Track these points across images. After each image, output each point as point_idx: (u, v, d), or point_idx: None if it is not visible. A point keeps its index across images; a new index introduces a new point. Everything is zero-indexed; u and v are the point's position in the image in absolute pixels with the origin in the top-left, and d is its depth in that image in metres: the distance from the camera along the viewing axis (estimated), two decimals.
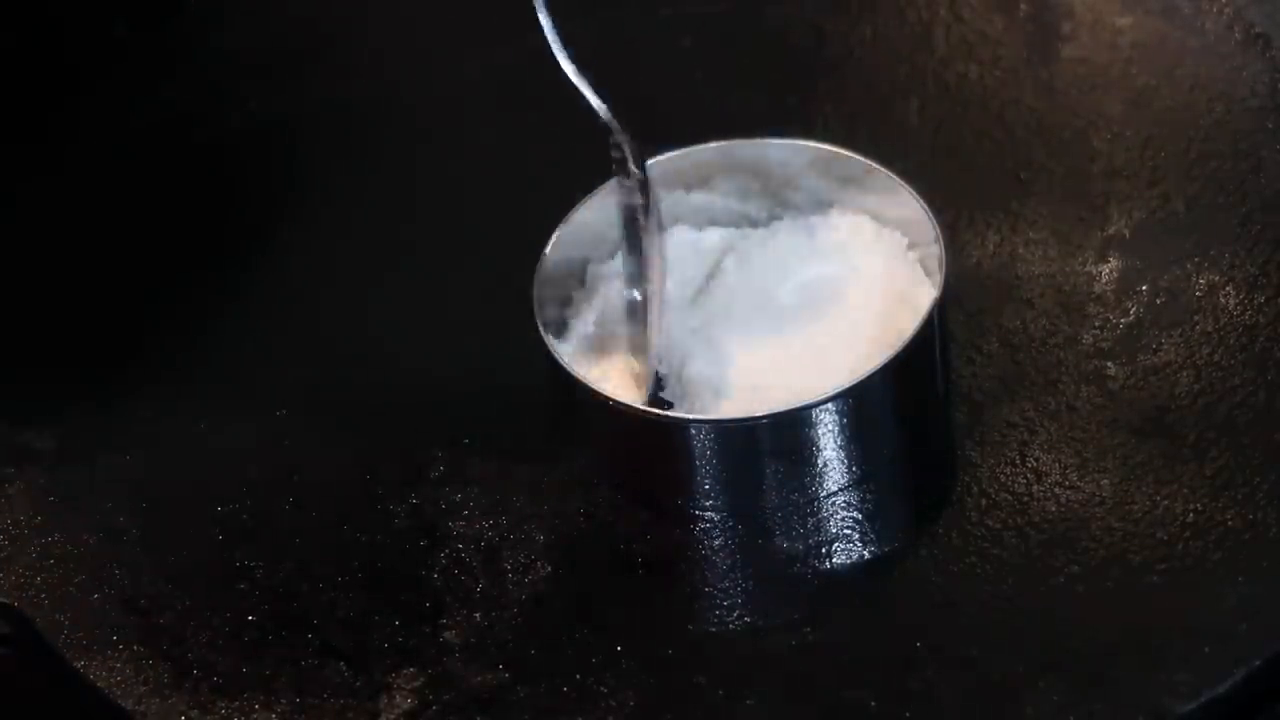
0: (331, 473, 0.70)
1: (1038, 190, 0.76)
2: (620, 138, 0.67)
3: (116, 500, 0.70)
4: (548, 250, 0.70)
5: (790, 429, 0.65)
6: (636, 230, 0.68)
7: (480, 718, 0.63)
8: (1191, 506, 0.65)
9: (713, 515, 0.67)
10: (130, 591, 0.67)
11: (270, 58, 0.85)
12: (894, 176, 0.71)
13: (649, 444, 0.67)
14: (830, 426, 0.65)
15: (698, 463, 0.66)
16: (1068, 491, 0.66)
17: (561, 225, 0.71)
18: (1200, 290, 0.71)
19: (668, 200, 0.72)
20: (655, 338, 0.68)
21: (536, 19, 0.66)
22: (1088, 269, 0.73)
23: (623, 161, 0.68)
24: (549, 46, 0.67)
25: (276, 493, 0.70)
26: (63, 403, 0.74)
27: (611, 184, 0.71)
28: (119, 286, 0.78)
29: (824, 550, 0.66)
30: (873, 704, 0.61)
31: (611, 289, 0.71)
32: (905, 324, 0.67)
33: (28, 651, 0.66)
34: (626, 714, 0.62)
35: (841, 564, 0.66)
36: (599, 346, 0.70)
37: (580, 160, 0.70)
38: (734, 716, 0.62)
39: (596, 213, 0.71)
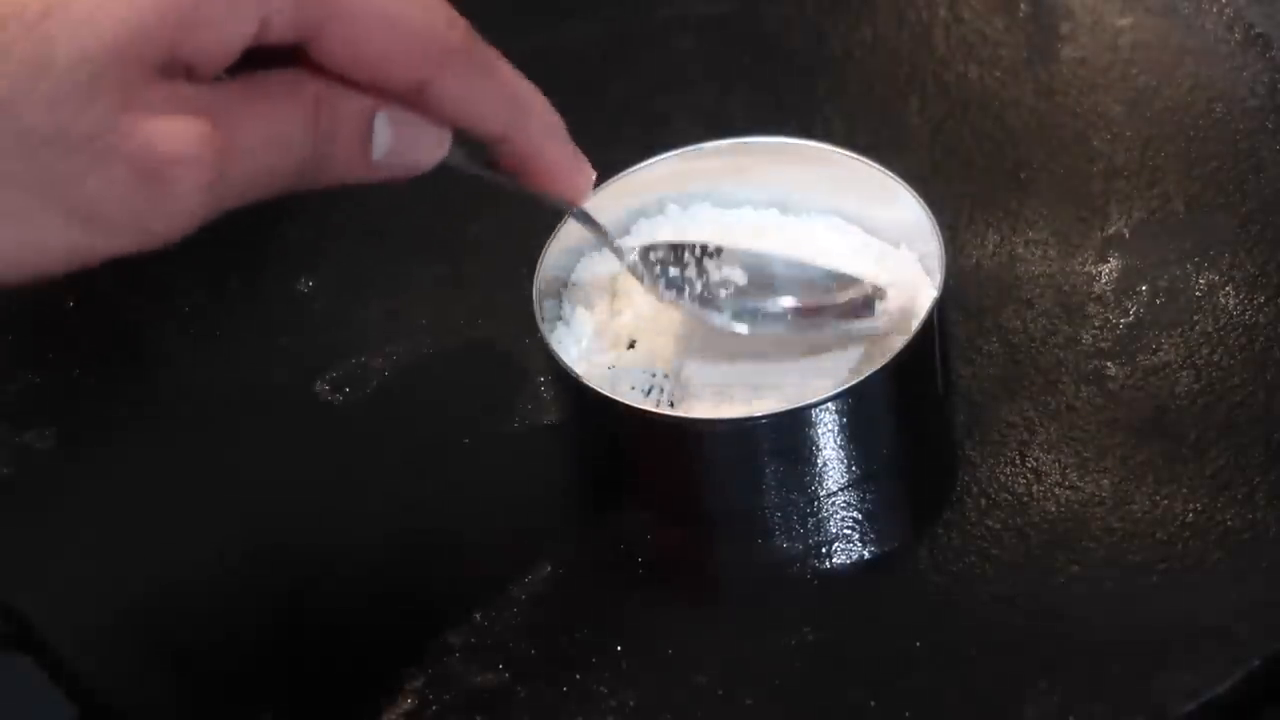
0: (331, 472, 0.70)
1: (1038, 190, 0.76)
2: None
3: (117, 500, 0.70)
4: (548, 249, 0.70)
5: (790, 429, 0.65)
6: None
7: (480, 718, 0.63)
8: (1191, 506, 0.65)
9: (713, 515, 0.67)
10: (131, 592, 0.67)
11: None
12: (894, 176, 0.70)
13: (649, 444, 0.67)
14: (830, 426, 0.65)
15: (698, 463, 0.66)
16: (1068, 491, 0.66)
17: (563, 223, 0.71)
18: (1200, 290, 0.71)
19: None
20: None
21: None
22: (1088, 269, 0.73)
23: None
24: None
25: (276, 493, 0.70)
26: (63, 402, 0.74)
27: (611, 183, 0.72)
28: (119, 285, 0.77)
29: (824, 550, 0.66)
30: (872, 704, 0.61)
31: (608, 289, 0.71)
32: (905, 324, 0.67)
33: (28, 651, 0.66)
34: (626, 714, 0.62)
35: (841, 564, 0.66)
36: (599, 346, 0.70)
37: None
38: (734, 716, 0.62)
39: (596, 212, 0.71)
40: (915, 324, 0.66)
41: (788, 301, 0.67)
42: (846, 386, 0.65)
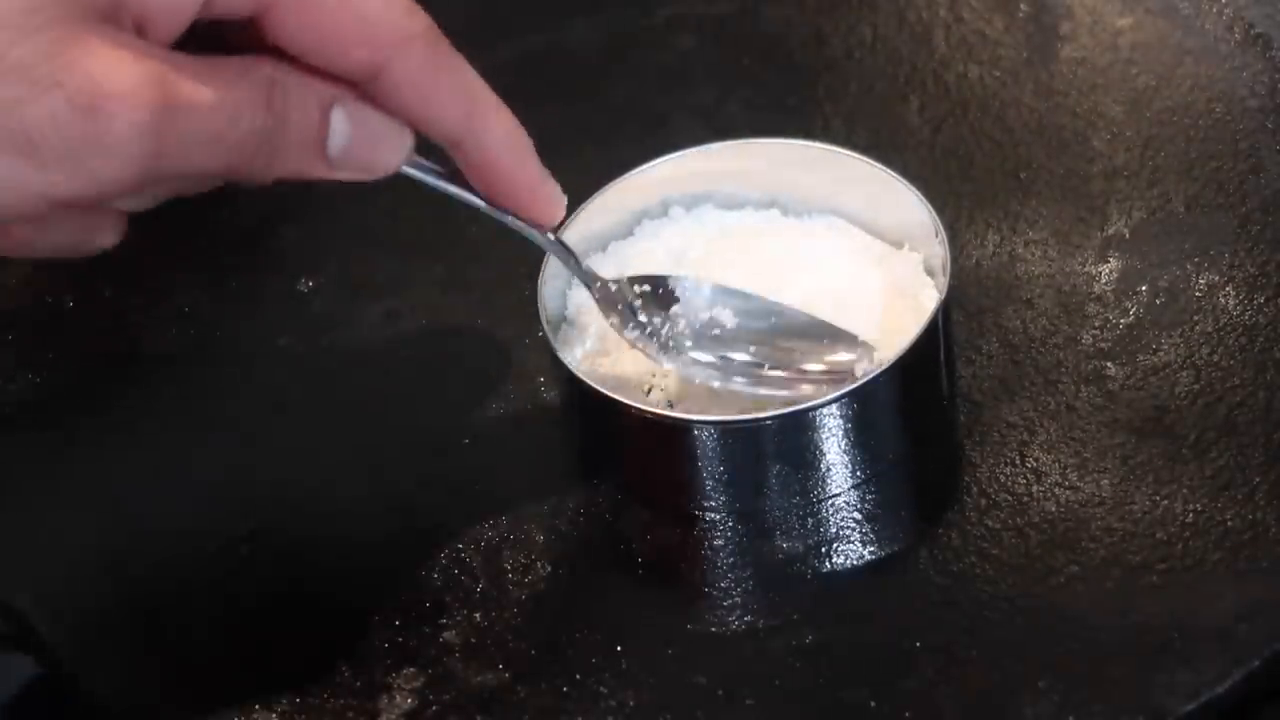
0: (331, 473, 0.70)
1: (1038, 190, 0.76)
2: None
3: (117, 500, 0.70)
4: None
5: (792, 430, 0.65)
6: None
7: (480, 718, 0.63)
8: (1191, 506, 0.65)
9: (714, 515, 0.67)
10: (131, 592, 0.67)
11: None
12: (895, 176, 0.70)
13: (650, 444, 0.67)
14: (833, 428, 0.65)
15: (699, 463, 0.66)
16: (1068, 491, 0.66)
17: (564, 224, 0.71)
18: (1200, 290, 0.71)
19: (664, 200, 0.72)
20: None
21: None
22: (1088, 269, 0.73)
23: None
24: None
25: (277, 493, 0.70)
26: (64, 402, 0.74)
27: (614, 184, 0.72)
28: (119, 285, 0.77)
29: (824, 551, 0.66)
30: (872, 704, 0.61)
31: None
32: (908, 325, 0.67)
33: (28, 651, 0.66)
34: (626, 714, 0.62)
35: (841, 564, 0.66)
36: (601, 346, 0.70)
37: (582, 160, 0.70)
38: (734, 716, 0.62)
39: (599, 214, 0.71)
40: (918, 325, 0.66)
41: (744, 356, 0.67)
42: (850, 388, 0.64)
